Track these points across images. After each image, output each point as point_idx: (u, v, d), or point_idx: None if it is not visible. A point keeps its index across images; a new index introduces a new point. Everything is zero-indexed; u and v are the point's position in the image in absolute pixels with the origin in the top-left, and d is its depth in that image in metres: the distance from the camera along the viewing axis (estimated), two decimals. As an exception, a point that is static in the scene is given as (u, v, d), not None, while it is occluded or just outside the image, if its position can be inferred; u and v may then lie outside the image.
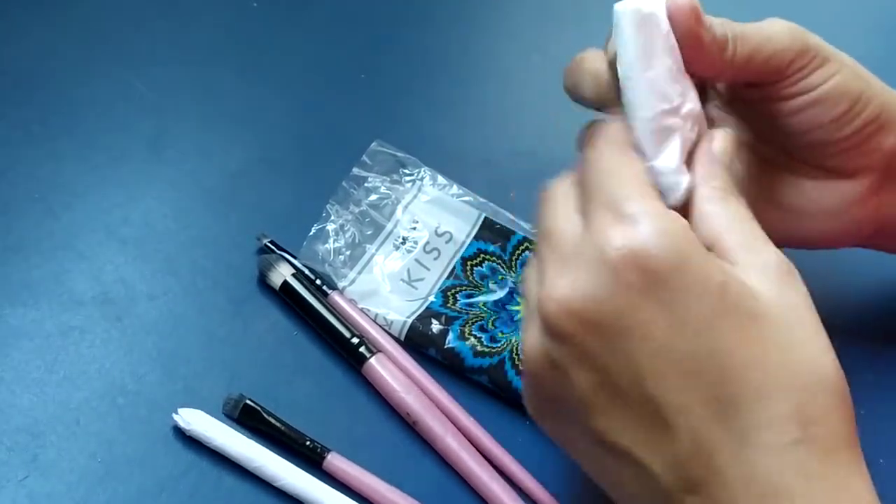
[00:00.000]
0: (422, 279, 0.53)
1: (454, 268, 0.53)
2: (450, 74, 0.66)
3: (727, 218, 0.39)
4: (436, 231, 0.54)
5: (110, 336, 0.50)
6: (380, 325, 0.51)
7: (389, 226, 0.54)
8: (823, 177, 0.49)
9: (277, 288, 0.51)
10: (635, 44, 0.41)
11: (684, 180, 0.40)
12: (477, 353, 0.50)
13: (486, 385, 0.50)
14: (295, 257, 0.53)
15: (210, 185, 0.56)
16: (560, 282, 0.36)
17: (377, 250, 0.53)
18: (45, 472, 0.45)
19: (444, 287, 0.52)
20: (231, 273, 0.52)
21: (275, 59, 0.63)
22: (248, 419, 0.47)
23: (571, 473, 0.47)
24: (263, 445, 0.46)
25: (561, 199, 0.40)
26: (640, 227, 0.36)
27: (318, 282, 0.52)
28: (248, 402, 0.47)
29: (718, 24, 0.44)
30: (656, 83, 0.41)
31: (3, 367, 0.48)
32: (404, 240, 0.54)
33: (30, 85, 0.59)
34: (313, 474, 0.46)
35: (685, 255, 0.35)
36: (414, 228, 0.54)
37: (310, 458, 0.46)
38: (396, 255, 0.53)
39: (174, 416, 0.46)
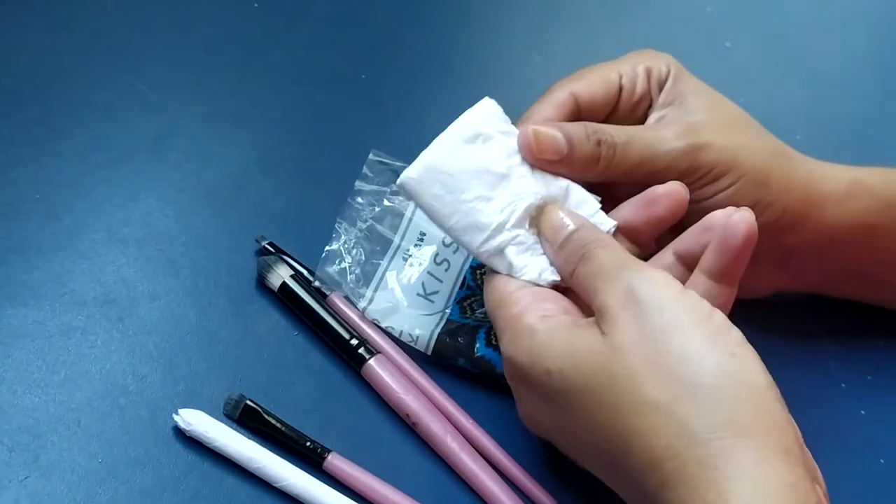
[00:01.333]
0: (437, 292, 0.53)
1: (465, 278, 0.53)
2: (451, 75, 0.66)
3: (590, 277, 0.43)
4: (443, 241, 0.54)
5: (112, 336, 0.50)
6: (404, 341, 0.51)
7: (396, 240, 0.54)
8: None
9: (276, 290, 0.51)
10: (426, 208, 0.46)
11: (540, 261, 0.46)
12: None
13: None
14: (295, 259, 0.53)
15: (211, 186, 0.56)
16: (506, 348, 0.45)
17: (388, 265, 0.53)
18: (47, 472, 0.45)
19: (458, 298, 0.52)
20: (232, 274, 0.53)
21: (276, 61, 0.63)
22: (249, 420, 0.47)
23: (571, 474, 0.47)
24: (264, 446, 0.46)
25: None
26: (503, 344, 0.44)
27: (316, 283, 0.52)
28: (248, 402, 0.47)
29: (591, 141, 0.46)
30: (462, 223, 0.46)
31: (5, 367, 0.48)
32: (413, 253, 0.53)
33: (31, 86, 0.59)
34: (314, 475, 0.46)
35: (520, 359, 0.43)
36: (421, 240, 0.54)
37: (310, 459, 0.46)
38: (408, 268, 0.53)
39: (175, 416, 0.46)
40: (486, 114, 0.48)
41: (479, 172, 0.46)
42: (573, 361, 0.40)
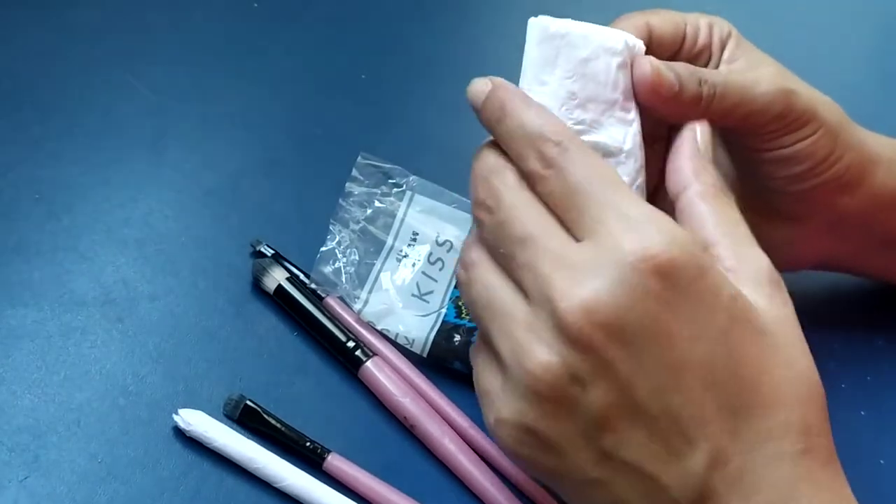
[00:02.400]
0: (431, 292, 0.53)
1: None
2: (451, 75, 0.66)
3: (720, 219, 0.39)
4: (436, 241, 0.54)
5: (111, 337, 0.50)
6: (400, 344, 0.51)
7: (389, 241, 0.54)
8: (771, 214, 0.50)
9: (272, 293, 0.51)
10: (529, 57, 0.42)
11: None
12: None
13: None
14: (291, 263, 0.53)
15: (211, 186, 0.56)
16: (580, 290, 0.35)
17: (382, 266, 0.53)
18: (46, 472, 0.45)
19: (453, 297, 0.52)
20: (232, 274, 0.53)
21: (275, 61, 0.63)
22: (249, 420, 0.47)
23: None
24: (264, 446, 0.46)
25: (527, 201, 0.39)
26: (657, 234, 0.35)
27: (312, 286, 0.52)
28: (248, 402, 0.47)
29: (694, 85, 0.44)
30: (545, 101, 0.41)
31: (5, 367, 0.48)
32: (407, 254, 0.53)
33: (31, 86, 0.59)
34: (314, 475, 0.46)
35: (703, 265, 0.36)
36: (414, 240, 0.54)
37: (310, 459, 0.46)
38: (402, 269, 0.53)
39: (175, 416, 0.46)
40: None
41: (571, 73, 0.42)
42: (759, 301, 0.37)
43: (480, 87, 0.42)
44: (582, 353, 0.35)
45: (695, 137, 0.42)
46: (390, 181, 0.55)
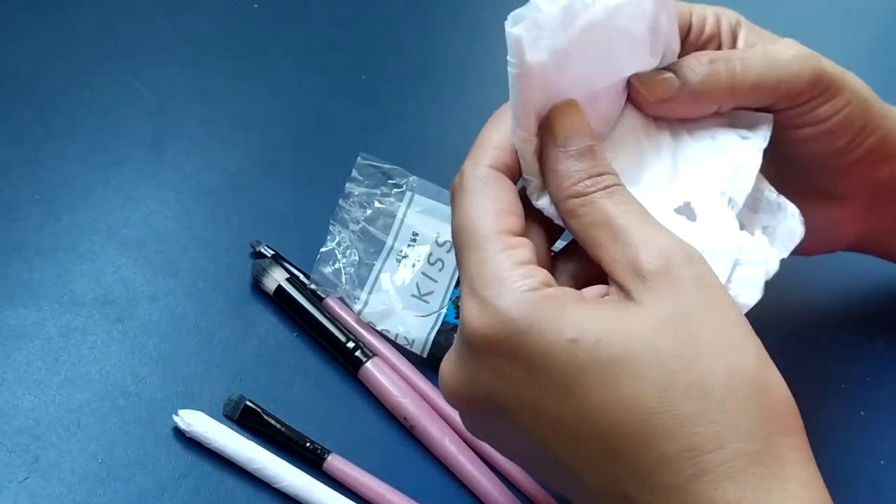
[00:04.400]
0: (431, 292, 0.52)
1: (459, 277, 0.53)
2: (451, 76, 0.66)
3: (596, 229, 0.37)
4: (436, 241, 0.54)
5: (111, 337, 0.50)
6: (400, 344, 0.51)
7: (389, 241, 0.53)
8: (810, 195, 0.48)
9: (271, 293, 0.51)
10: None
11: None
12: None
13: None
14: (291, 264, 0.53)
15: (211, 187, 0.56)
16: (444, 364, 0.39)
17: (382, 267, 0.53)
18: (46, 473, 0.45)
19: (453, 297, 0.52)
20: (232, 275, 0.53)
21: (276, 61, 0.63)
22: (249, 420, 0.47)
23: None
24: (264, 447, 0.46)
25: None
26: (485, 305, 0.36)
27: (312, 286, 0.52)
28: (248, 403, 0.47)
29: (702, 68, 0.43)
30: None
31: (4, 368, 0.48)
32: (406, 254, 0.53)
33: (31, 86, 0.59)
34: (313, 476, 0.46)
35: (526, 328, 0.35)
36: (414, 241, 0.54)
37: (310, 460, 0.46)
38: (402, 270, 0.53)
39: (175, 417, 0.46)
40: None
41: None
42: (614, 330, 0.34)
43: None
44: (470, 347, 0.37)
45: (547, 140, 0.39)
46: (390, 181, 0.55)
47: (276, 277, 0.51)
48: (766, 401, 0.34)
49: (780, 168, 0.48)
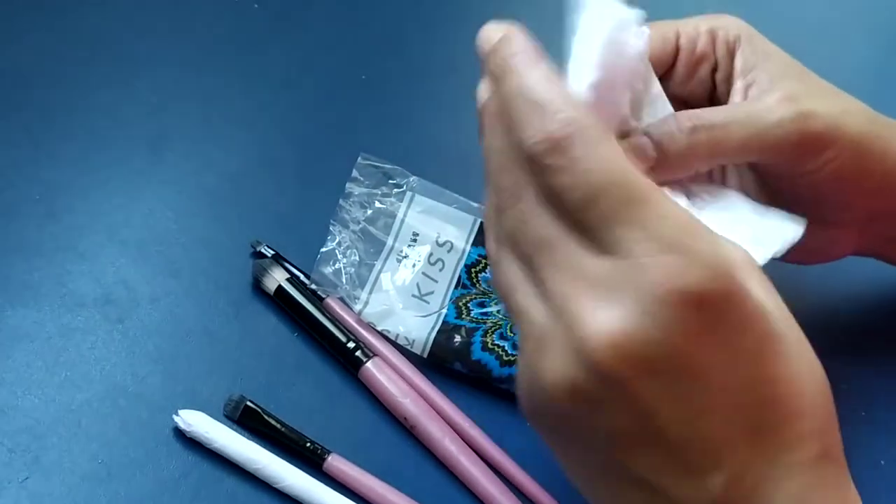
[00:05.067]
0: (431, 292, 0.52)
1: (460, 277, 0.53)
2: (451, 76, 0.66)
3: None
4: (436, 241, 0.54)
5: (111, 337, 0.50)
6: (400, 344, 0.51)
7: (390, 241, 0.53)
8: (813, 221, 0.46)
9: (272, 293, 0.51)
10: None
11: None
12: (504, 363, 0.50)
13: (514, 393, 0.50)
14: (292, 264, 0.53)
15: (211, 187, 0.56)
16: (603, 317, 0.32)
17: (382, 267, 0.53)
18: (47, 473, 0.45)
19: (454, 297, 0.52)
20: (232, 275, 0.53)
21: (276, 61, 0.63)
22: (249, 421, 0.47)
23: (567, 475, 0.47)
24: (264, 447, 0.46)
25: (537, 201, 0.34)
26: (686, 261, 0.32)
27: (313, 286, 0.52)
28: (248, 403, 0.47)
29: (686, 134, 0.42)
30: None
31: (5, 368, 0.48)
32: (407, 254, 0.53)
33: (31, 87, 0.59)
34: (314, 476, 0.46)
35: (736, 291, 0.32)
36: (414, 241, 0.54)
37: (310, 460, 0.46)
38: (402, 270, 0.53)
39: (175, 417, 0.46)
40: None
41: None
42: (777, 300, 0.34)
43: (491, 33, 0.38)
44: (603, 382, 0.32)
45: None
46: (390, 182, 0.55)
47: (277, 277, 0.51)
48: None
49: (776, 195, 0.47)
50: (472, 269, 0.53)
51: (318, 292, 0.52)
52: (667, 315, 0.31)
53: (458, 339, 0.50)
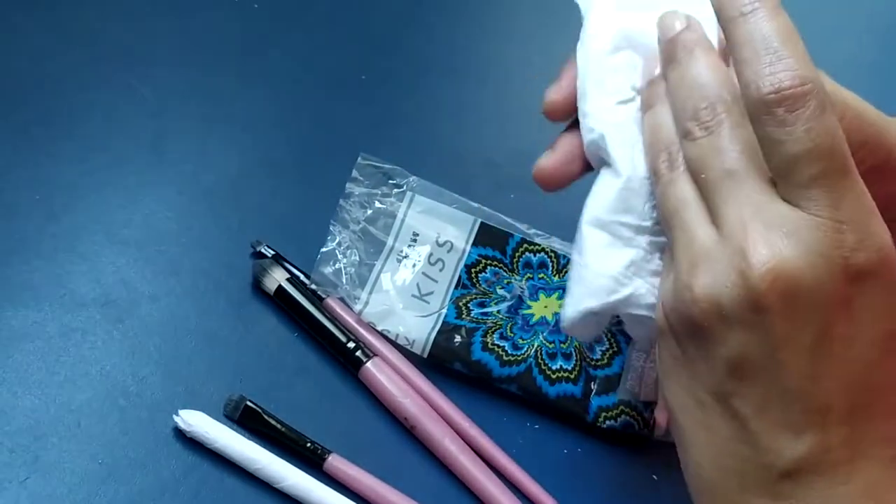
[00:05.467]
0: (431, 292, 0.52)
1: (460, 277, 0.53)
2: (451, 76, 0.66)
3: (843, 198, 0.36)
4: (436, 241, 0.54)
5: (112, 338, 0.50)
6: (401, 344, 0.51)
7: (390, 241, 0.54)
8: None
9: (272, 293, 0.51)
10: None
11: None
12: (504, 363, 0.50)
13: (515, 393, 0.50)
14: (292, 264, 0.53)
15: (211, 187, 0.56)
16: (775, 249, 0.35)
17: (382, 267, 0.53)
18: (47, 473, 0.45)
19: (454, 297, 0.52)
20: (232, 275, 0.53)
21: (275, 61, 0.63)
22: (249, 421, 0.47)
23: (571, 475, 0.47)
24: (264, 447, 0.46)
25: (740, 138, 0.37)
26: (867, 231, 0.35)
27: (313, 286, 0.52)
28: (248, 403, 0.47)
29: None
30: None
31: (5, 368, 0.48)
32: (407, 254, 0.53)
33: (31, 87, 0.59)
34: (314, 476, 0.46)
35: (875, 270, 0.35)
36: (414, 241, 0.54)
37: (310, 460, 0.46)
38: (402, 270, 0.53)
39: (175, 417, 0.46)
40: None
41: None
42: None
43: (673, 21, 0.41)
44: (752, 304, 0.35)
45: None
46: (390, 182, 0.55)
47: (277, 277, 0.51)
48: None
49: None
50: (472, 270, 0.53)
51: (319, 292, 0.52)
52: (829, 275, 0.34)
53: (458, 339, 0.50)
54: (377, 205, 0.54)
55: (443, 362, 0.50)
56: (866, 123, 0.44)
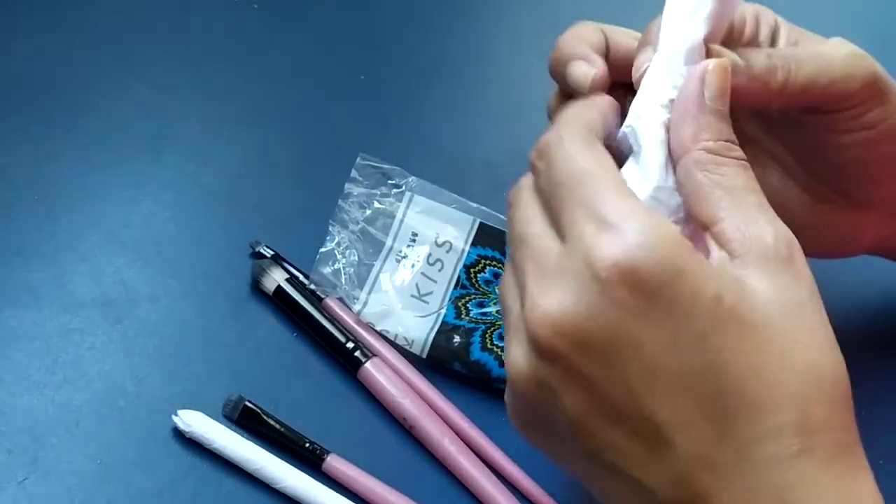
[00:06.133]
0: (430, 293, 0.52)
1: (459, 277, 0.53)
2: (450, 76, 0.66)
3: (720, 190, 0.36)
4: (435, 241, 0.54)
5: (111, 338, 0.50)
6: (400, 345, 0.51)
7: (389, 241, 0.53)
8: (835, 200, 0.47)
9: (271, 293, 0.51)
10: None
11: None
12: (503, 363, 0.50)
13: None
14: (291, 264, 0.53)
15: (210, 187, 0.56)
16: (546, 299, 0.34)
17: (381, 267, 0.53)
18: (45, 474, 0.45)
19: (453, 298, 0.52)
20: (231, 275, 0.53)
21: (275, 61, 0.63)
22: (248, 421, 0.47)
23: (568, 475, 0.47)
24: (263, 447, 0.46)
25: (529, 201, 0.37)
26: (626, 237, 0.33)
27: (312, 286, 0.52)
28: (247, 403, 0.47)
29: (764, 58, 0.41)
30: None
31: (4, 368, 0.48)
32: (406, 254, 0.53)
33: (30, 87, 0.59)
34: (313, 476, 0.46)
35: (676, 268, 0.34)
36: (413, 241, 0.54)
37: (309, 460, 0.46)
38: (401, 270, 0.53)
39: (174, 417, 0.46)
40: None
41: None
42: (746, 298, 0.34)
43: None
44: (549, 362, 0.34)
45: (699, 88, 0.38)
46: (390, 182, 0.55)
47: (276, 278, 0.51)
48: (850, 401, 0.35)
49: (810, 173, 0.47)
50: (471, 270, 0.53)
51: (318, 292, 0.52)
52: (602, 292, 0.33)
53: (457, 339, 0.50)
54: (376, 205, 0.54)
55: (442, 362, 0.50)
56: None
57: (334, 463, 0.46)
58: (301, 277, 0.52)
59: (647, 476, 0.35)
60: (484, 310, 0.52)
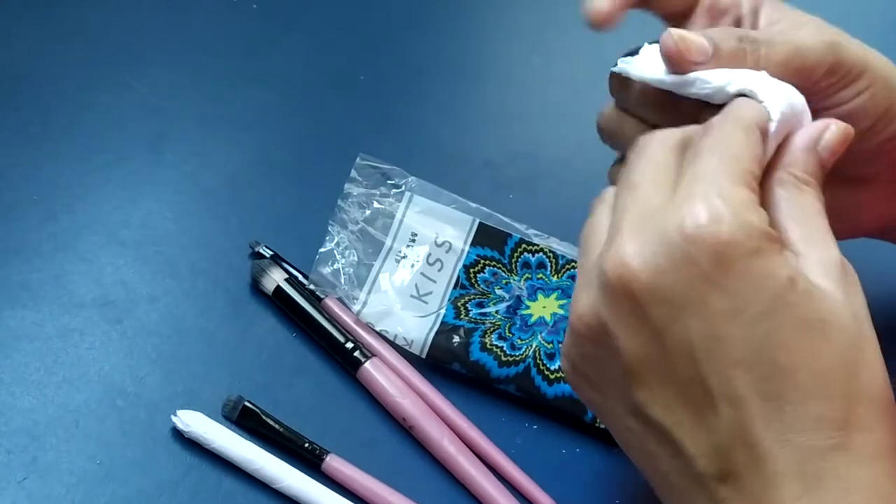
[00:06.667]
0: (430, 293, 0.52)
1: (458, 277, 0.53)
2: (450, 76, 0.66)
3: (794, 206, 0.38)
4: (435, 242, 0.54)
5: (110, 338, 0.50)
6: (399, 345, 0.51)
7: (388, 241, 0.53)
8: (834, 179, 0.48)
9: (270, 293, 0.51)
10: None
11: None
12: (502, 363, 0.50)
13: (513, 394, 0.50)
14: (290, 264, 0.53)
15: (210, 187, 0.56)
16: (630, 245, 0.36)
17: (381, 267, 0.53)
18: (45, 474, 0.45)
19: (452, 298, 0.52)
20: (231, 275, 0.53)
21: (274, 61, 0.63)
22: (247, 421, 0.47)
23: (569, 475, 0.47)
24: (262, 447, 0.46)
25: (660, 153, 0.39)
26: (723, 211, 0.35)
27: (311, 286, 0.52)
28: (247, 403, 0.47)
29: (734, 42, 0.43)
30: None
31: (3, 368, 0.48)
32: (405, 255, 0.53)
33: (30, 87, 0.59)
34: (312, 476, 0.46)
35: (756, 247, 0.35)
36: (413, 241, 0.54)
37: (309, 460, 0.46)
38: (401, 270, 0.53)
39: (173, 417, 0.46)
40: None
41: None
42: (819, 292, 0.36)
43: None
44: (616, 305, 0.36)
45: (817, 133, 0.41)
46: (389, 182, 0.55)
47: (275, 278, 0.51)
48: (892, 423, 0.36)
49: None
50: (471, 270, 0.53)
51: (317, 292, 0.52)
52: (681, 253, 0.35)
53: (456, 339, 0.50)
54: (376, 205, 0.54)
55: (441, 362, 0.50)
56: (892, 90, 0.45)
57: (333, 463, 0.46)
58: (300, 277, 0.52)
59: (689, 440, 0.36)
60: (483, 310, 0.52)
